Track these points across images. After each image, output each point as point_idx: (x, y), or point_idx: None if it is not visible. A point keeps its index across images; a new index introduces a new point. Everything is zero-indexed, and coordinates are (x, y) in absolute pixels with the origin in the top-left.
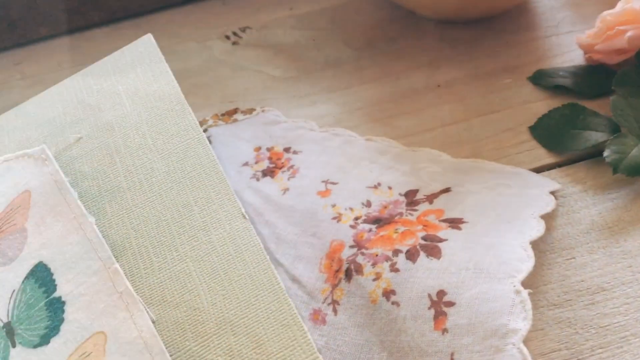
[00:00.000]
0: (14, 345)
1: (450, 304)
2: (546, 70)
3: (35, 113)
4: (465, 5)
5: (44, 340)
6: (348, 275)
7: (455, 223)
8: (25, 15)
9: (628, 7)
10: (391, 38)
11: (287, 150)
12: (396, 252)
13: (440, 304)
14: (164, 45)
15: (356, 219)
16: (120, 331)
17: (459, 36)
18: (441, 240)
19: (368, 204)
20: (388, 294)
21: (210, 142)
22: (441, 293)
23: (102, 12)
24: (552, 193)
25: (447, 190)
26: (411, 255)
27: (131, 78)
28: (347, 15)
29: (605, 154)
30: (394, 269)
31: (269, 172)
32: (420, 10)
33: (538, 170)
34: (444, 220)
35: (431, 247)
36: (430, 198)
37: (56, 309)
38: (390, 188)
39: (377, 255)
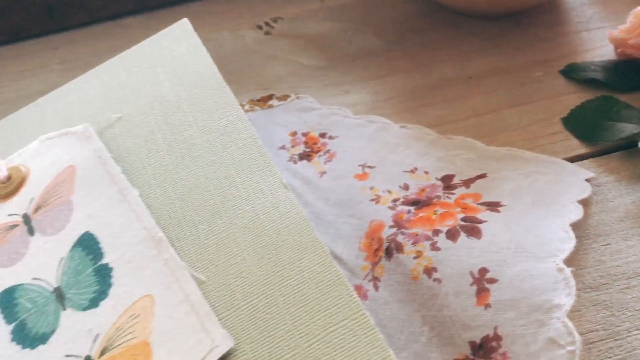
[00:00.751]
0: (64, 308)
1: (493, 280)
2: (578, 64)
3: (77, 94)
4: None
5: (94, 303)
6: (388, 253)
7: (493, 206)
8: (62, 2)
9: None
10: (421, 31)
11: (322, 135)
12: (436, 232)
13: (482, 280)
14: (196, 33)
15: (394, 200)
16: (167, 295)
17: (489, 30)
18: (481, 222)
19: (406, 187)
20: (429, 271)
21: None
22: (483, 270)
23: (137, 1)
24: (587, 181)
25: (483, 175)
26: (451, 235)
27: (169, 60)
28: (377, 8)
29: None
30: (434, 247)
31: (305, 156)
32: (451, 4)
33: (571, 160)
34: (482, 204)
35: (471, 227)
36: (467, 183)
37: (104, 274)
38: (426, 172)
39: (417, 234)
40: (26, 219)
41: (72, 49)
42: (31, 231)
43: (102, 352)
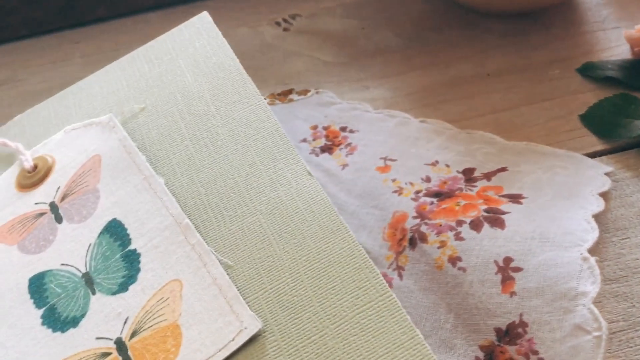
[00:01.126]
0: (93, 293)
1: (518, 269)
2: (595, 62)
3: (100, 86)
4: None
5: (123, 287)
6: (412, 243)
7: (515, 198)
8: None
9: None
10: (439, 28)
11: (343, 129)
12: (460, 223)
13: (507, 269)
14: (218, 26)
15: (417, 192)
16: (195, 279)
17: (506, 29)
18: (504, 213)
19: (427, 180)
20: (454, 260)
21: None
22: (508, 260)
23: None
24: (606, 175)
25: (503, 169)
26: (475, 225)
27: (190, 52)
28: (394, 6)
29: None
30: (458, 237)
31: (326, 149)
32: (468, 3)
33: (589, 156)
34: (504, 196)
35: (494, 218)
36: (488, 176)
37: (132, 260)
38: (447, 166)
39: (440, 225)
40: (53, 207)
41: (93, 43)
42: (59, 219)
43: (133, 334)
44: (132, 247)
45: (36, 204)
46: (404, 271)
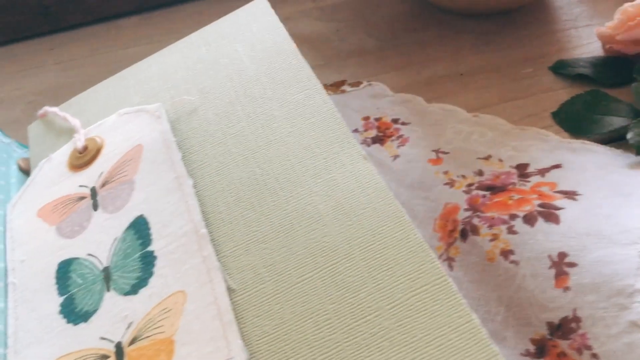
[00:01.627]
0: (108, 290)
1: (572, 264)
2: (567, 60)
3: (158, 67)
4: None
5: (134, 290)
6: (464, 235)
7: (570, 195)
8: (58, 3)
9: None
10: (413, 29)
11: (395, 121)
12: (513, 217)
13: (561, 264)
14: (191, 32)
15: (469, 185)
16: (199, 294)
17: (479, 29)
18: (558, 208)
19: (480, 173)
20: (506, 253)
21: None
22: (562, 255)
23: (131, 2)
24: None
25: (557, 165)
26: (529, 219)
27: (247, 36)
28: (369, 8)
29: (629, 136)
30: (511, 231)
31: (378, 140)
32: (441, 3)
33: None
34: (558, 192)
35: (548, 213)
36: (542, 172)
37: (148, 262)
38: (500, 160)
39: (493, 218)
40: (93, 192)
41: (68, 50)
42: (95, 206)
43: (132, 341)
44: (150, 248)
45: (80, 186)
46: (455, 262)
